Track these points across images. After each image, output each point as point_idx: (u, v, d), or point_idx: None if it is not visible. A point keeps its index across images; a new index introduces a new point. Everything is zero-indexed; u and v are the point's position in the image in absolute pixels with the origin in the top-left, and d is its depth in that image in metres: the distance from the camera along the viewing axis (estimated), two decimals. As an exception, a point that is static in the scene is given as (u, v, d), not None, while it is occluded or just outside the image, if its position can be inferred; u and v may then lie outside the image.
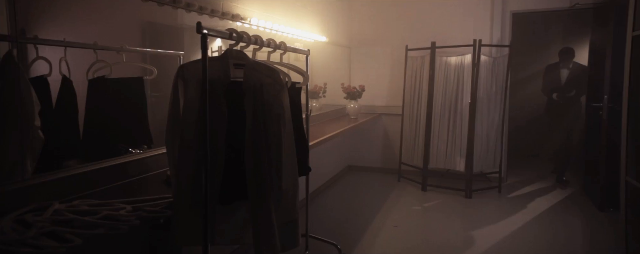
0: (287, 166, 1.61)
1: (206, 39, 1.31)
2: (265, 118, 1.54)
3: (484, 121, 4.22)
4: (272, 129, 1.55)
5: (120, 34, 1.98)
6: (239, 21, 2.57)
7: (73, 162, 1.80)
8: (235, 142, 1.52)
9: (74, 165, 1.76)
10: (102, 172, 1.75)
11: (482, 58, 4.04)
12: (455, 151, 4.28)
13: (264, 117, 1.54)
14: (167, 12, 2.06)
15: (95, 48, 1.87)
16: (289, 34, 3.32)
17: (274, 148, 1.55)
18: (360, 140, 5.23)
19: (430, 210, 3.79)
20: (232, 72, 1.56)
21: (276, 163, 1.55)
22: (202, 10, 2.18)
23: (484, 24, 4.46)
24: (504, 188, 4.37)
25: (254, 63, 1.54)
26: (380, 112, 5.05)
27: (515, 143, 5.58)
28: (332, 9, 4.57)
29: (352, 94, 4.34)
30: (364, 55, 5.10)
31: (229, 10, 2.46)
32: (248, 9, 2.74)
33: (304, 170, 2.04)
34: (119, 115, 2.01)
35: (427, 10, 4.68)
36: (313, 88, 4.03)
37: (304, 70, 1.97)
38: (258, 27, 2.84)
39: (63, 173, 1.63)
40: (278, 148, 1.56)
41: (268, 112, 1.54)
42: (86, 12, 1.79)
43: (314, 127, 3.83)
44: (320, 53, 4.24)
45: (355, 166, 5.30)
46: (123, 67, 1.99)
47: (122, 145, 2.08)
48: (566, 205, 3.87)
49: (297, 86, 1.94)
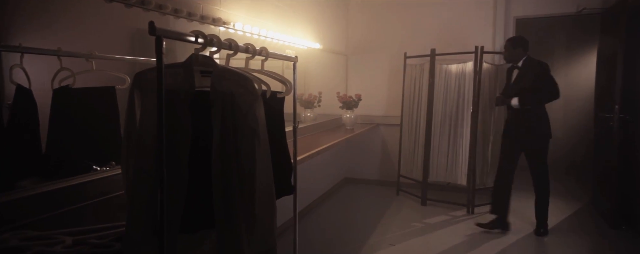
0: (262, 188, 1.40)
1: (161, 43, 1.11)
2: (236, 133, 1.33)
3: (486, 131, 4.01)
4: (244, 145, 1.34)
5: (104, 41, 1.82)
6: (221, 26, 2.38)
7: (28, 182, 1.60)
8: (200, 161, 1.32)
9: (30, 184, 1.57)
10: (57, 194, 1.55)
11: (485, 66, 3.84)
12: (457, 164, 4.06)
13: (235, 132, 1.33)
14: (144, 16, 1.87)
15: (58, 55, 1.70)
16: (279, 40, 3.13)
17: (247, 167, 1.35)
18: (357, 152, 5.01)
19: (430, 226, 3.56)
20: (198, 80, 1.36)
21: (249, 185, 1.34)
22: (177, 13, 1.99)
23: (486, 30, 4.27)
24: (509, 202, 4.14)
25: (223, 70, 1.34)
26: (378, 122, 4.84)
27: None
28: (327, 16, 4.39)
29: (348, 104, 4.14)
30: (361, 63, 4.91)
31: (209, 13, 2.27)
32: (232, 13, 2.55)
33: (287, 190, 1.83)
34: (85, 128, 1.81)
35: (427, 16, 4.49)
36: (307, 98, 3.84)
37: (286, 78, 1.77)
38: (244, 32, 2.65)
39: (15, 194, 1.44)
40: (251, 167, 1.35)
41: (240, 125, 1.34)
42: (70, 20, 1.68)
43: (308, 138, 3.63)
44: (314, 61, 4.05)
45: (352, 178, 5.08)
46: (95, 75, 1.81)
47: (87, 161, 1.88)
48: (574, 222, 3.64)
49: (278, 96, 1.74)
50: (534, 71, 3.20)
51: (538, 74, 3.18)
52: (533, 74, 3.20)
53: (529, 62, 3.26)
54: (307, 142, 3.45)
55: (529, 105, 3.19)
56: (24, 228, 1.35)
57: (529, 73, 3.21)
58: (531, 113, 3.23)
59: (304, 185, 3.93)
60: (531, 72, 3.21)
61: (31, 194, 1.47)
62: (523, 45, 3.26)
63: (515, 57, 3.29)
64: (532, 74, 3.20)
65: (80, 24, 1.74)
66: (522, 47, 3.26)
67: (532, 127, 3.25)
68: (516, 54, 3.28)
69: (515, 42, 3.29)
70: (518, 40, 3.28)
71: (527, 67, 3.25)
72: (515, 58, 3.30)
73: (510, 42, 3.32)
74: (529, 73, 3.21)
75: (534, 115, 3.23)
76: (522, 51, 3.26)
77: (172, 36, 1.15)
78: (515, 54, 3.28)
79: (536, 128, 3.24)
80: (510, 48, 3.30)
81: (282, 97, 1.77)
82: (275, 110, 1.73)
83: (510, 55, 3.31)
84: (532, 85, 3.19)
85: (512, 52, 3.29)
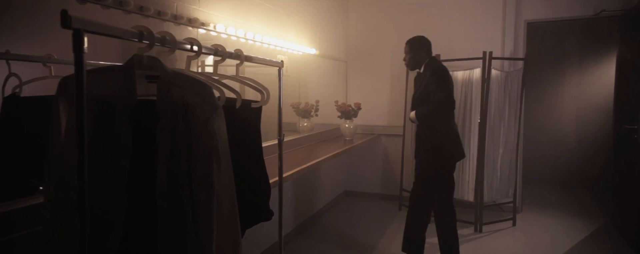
0: (223, 222, 1.14)
1: (81, 38, 0.86)
2: (189, 154, 1.08)
3: (495, 143, 3.72)
4: (200, 168, 1.08)
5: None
6: (199, 27, 2.14)
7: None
8: (142, 189, 1.06)
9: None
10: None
11: (493, 73, 3.57)
12: (463, 178, 3.77)
13: (188, 152, 1.08)
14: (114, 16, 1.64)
15: (6, 59, 1.46)
16: (270, 44, 2.89)
17: (203, 195, 1.09)
18: (358, 163, 4.74)
19: (435, 246, 3.26)
20: (144, 87, 1.11)
21: (205, 219, 1.08)
22: (143, 12, 1.74)
23: (494, 35, 4.00)
24: (520, 220, 3.84)
25: (174, 75, 1.09)
26: (380, 132, 4.57)
27: (531, 168, 5.06)
28: (325, 19, 4.15)
29: (347, 113, 3.88)
30: (361, 70, 4.66)
31: (183, 13, 2.03)
32: (214, 14, 2.31)
33: (264, 215, 1.57)
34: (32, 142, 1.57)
35: (431, 20, 4.24)
36: (304, 107, 3.59)
37: (262, 86, 1.52)
38: (228, 35, 2.41)
39: None
40: (208, 196, 1.09)
41: (194, 143, 1.08)
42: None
43: (305, 149, 3.39)
44: (310, 68, 3.80)
45: (352, 191, 4.80)
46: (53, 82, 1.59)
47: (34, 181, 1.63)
48: (593, 243, 3.32)
49: (254, 106, 1.48)
50: (427, 77, 2.65)
51: (429, 80, 2.60)
52: (426, 81, 2.64)
53: (428, 67, 2.69)
54: (303, 154, 3.21)
55: (418, 119, 2.67)
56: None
57: (425, 80, 2.66)
58: (427, 129, 2.68)
59: (301, 197, 3.69)
60: (425, 79, 2.66)
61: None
62: (424, 47, 2.74)
63: (416, 63, 2.76)
64: (426, 81, 2.64)
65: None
66: (424, 50, 2.73)
67: (419, 147, 2.74)
68: (418, 60, 2.74)
69: (414, 44, 2.75)
70: (417, 42, 2.75)
71: (427, 72, 2.68)
72: (416, 64, 2.76)
73: (408, 45, 2.78)
74: (425, 80, 2.66)
75: (426, 132, 2.68)
76: (425, 55, 2.74)
77: (97, 30, 0.90)
78: (416, 60, 2.75)
79: (422, 148, 2.70)
80: (409, 52, 2.76)
81: (258, 107, 1.51)
82: (249, 122, 1.48)
83: (411, 60, 2.76)
84: (421, 95, 2.66)
85: (413, 56, 2.75)
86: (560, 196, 4.79)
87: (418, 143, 2.76)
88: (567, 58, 5.31)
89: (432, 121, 2.64)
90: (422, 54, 2.74)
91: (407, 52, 2.80)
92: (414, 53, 2.75)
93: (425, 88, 2.62)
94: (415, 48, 2.75)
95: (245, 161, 1.42)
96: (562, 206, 4.38)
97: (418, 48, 2.74)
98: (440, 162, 2.67)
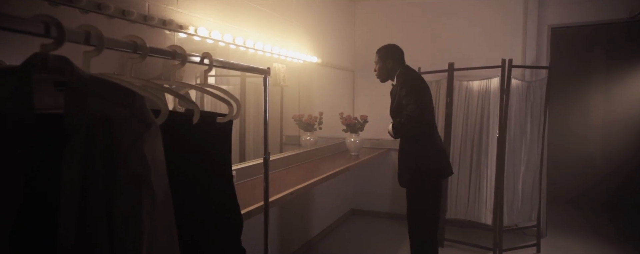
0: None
1: None
2: (108, 183, 0.80)
3: (516, 160, 3.36)
4: (123, 205, 0.80)
5: None
6: (176, 30, 1.89)
7: None
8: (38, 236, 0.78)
9: None
10: None
11: (513, 83, 3.24)
12: (480, 199, 3.42)
13: (106, 181, 0.80)
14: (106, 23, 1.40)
15: None
16: (264, 51, 2.63)
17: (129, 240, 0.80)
18: (366, 180, 4.43)
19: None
20: (49, 97, 0.84)
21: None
22: (102, 10, 1.49)
23: (515, 41, 3.68)
24: (544, 245, 3.46)
25: (90, 80, 0.81)
26: (389, 146, 4.25)
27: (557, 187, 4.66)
28: (329, 26, 3.89)
29: (352, 126, 3.58)
30: (370, 80, 4.34)
31: (156, 13, 1.78)
32: (196, 17, 2.06)
33: None
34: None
35: (444, 25, 3.94)
36: (307, 119, 3.32)
37: (232, 96, 1.24)
38: (214, 40, 2.15)
39: None
40: (136, 239, 0.81)
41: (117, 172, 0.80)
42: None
43: (308, 165, 3.15)
44: (314, 77, 3.54)
45: (359, 210, 4.47)
46: None
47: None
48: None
49: (219, 120, 1.20)
50: (398, 88, 2.47)
51: (400, 92, 2.43)
52: (398, 93, 2.45)
53: (399, 77, 2.49)
54: (306, 169, 2.96)
55: (394, 134, 2.51)
56: None
57: (397, 92, 2.48)
58: (412, 144, 2.53)
59: (304, 216, 3.41)
60: (398, 91, 2.47)
61: None
62: (392, 55, 2.53)
63: (386, 74, 2.56)
64: (398, 93, 2.46)
65: None
66: (392, 58, 2.52)
67: (402, 168, 2.61)
68: (388, 70, 2.54)
69: (381, 52, 2.56)
70: (384, 50, 2.56)
71: (398, 84, 2.49)
72: (387, 74, 2.56)
73: (377, 54, 2.59)
74: (397, 92, 2.48)
75: (412, 147, 2.54)
76: (394, 64, 2.53)
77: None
78: (386, 70, 2.54)
79: (405, 168, 2.57)
80: (378, 61, 2.57)
81: (226, 122, 1.23)
82: (212, 142, 1.20)
83: (380, 71, 2.57)
84: (396, 108, 2.49)
85: (381, 66, 2.55)
86: (590, 219, 4.38)
87: (400, 164, 2.61)
88: (592, 65, 4.94)
89: (406, 135, 2.51)
90: (391, 63, 2.53)
91: (375, 61, 2.61)
92: (382, 62, 2.55)
93: (399, 101, 2.43)
94: (382, 56, 2.55)
95: (204, 191, 1.14)
96: (591, 229, 3.97)
97: (385, 57, 2.54)
98: (426, 180, 2.50)
